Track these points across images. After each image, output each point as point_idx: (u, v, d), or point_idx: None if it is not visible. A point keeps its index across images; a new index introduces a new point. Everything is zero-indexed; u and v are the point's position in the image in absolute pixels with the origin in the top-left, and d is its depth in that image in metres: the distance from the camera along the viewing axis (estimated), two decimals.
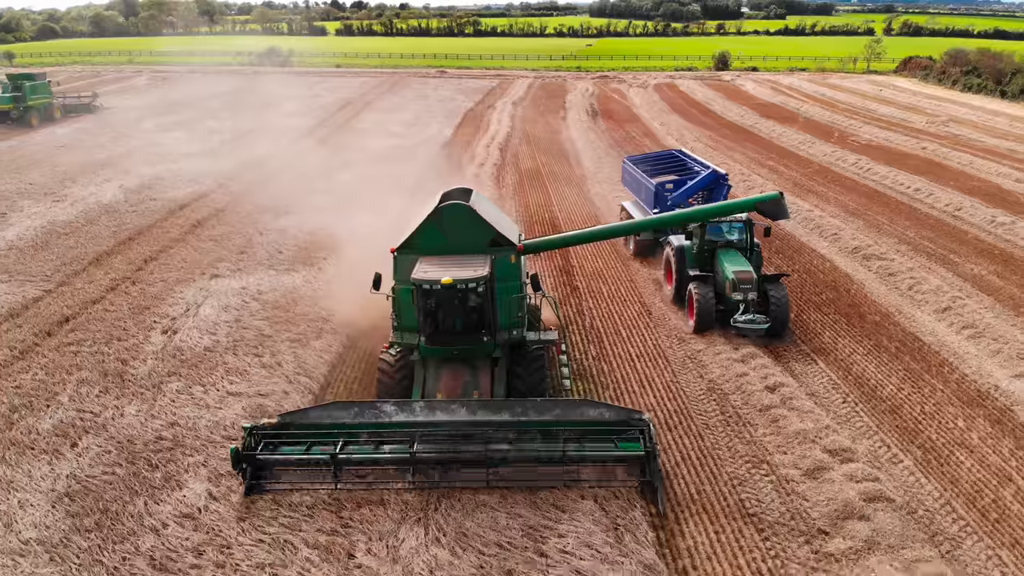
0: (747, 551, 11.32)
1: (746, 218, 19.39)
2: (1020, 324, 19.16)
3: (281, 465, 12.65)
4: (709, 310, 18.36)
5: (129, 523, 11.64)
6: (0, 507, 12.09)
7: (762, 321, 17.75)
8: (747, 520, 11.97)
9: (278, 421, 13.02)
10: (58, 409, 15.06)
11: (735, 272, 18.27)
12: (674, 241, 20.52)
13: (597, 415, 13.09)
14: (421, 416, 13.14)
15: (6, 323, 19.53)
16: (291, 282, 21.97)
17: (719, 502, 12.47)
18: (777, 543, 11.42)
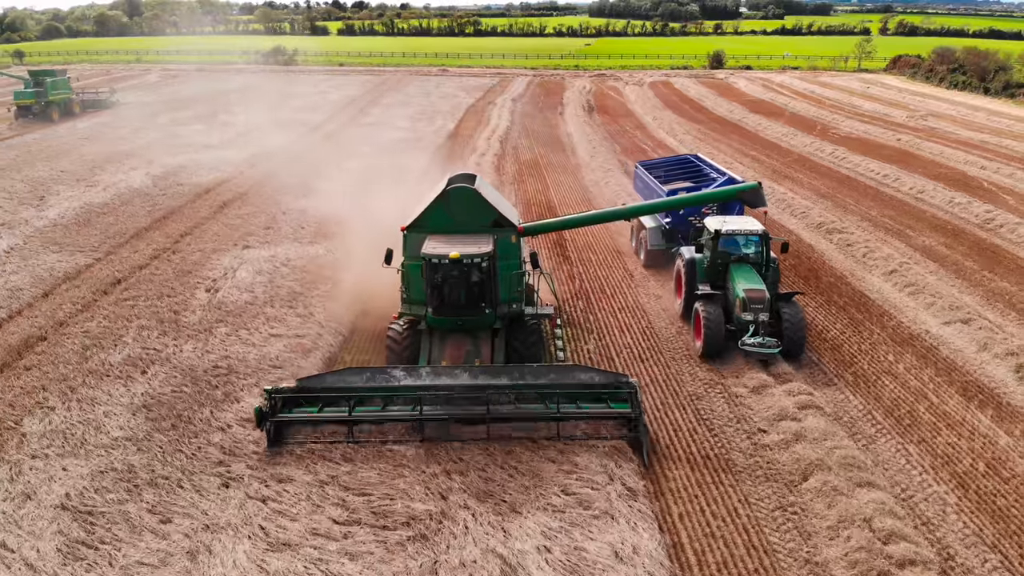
0: (699, 443, 14.02)
1: (763, 231, 18.13)
2: (957, 284, 21.88)
3: (300, 424, 13.84)
4: (718, 333, 16.80)
5: (200, 425, 14.33)
6: (88, 416, 14.76)
7: (773, 345, 16.36)
8: (701, 422, 14.71)
9: (297, 384, 14.09)
10: (125, 347, 17.75)
11: (746, 290, 16.90)
12: (685, 253, 19.25)
13: (588, 379, 14.17)
14: (427, 380, 14.07)
15: (65, 284, 22.24)
16: (314, 251, 24.62)
17: (680, 413, 15.17)
18: (724, 438, 14.14)
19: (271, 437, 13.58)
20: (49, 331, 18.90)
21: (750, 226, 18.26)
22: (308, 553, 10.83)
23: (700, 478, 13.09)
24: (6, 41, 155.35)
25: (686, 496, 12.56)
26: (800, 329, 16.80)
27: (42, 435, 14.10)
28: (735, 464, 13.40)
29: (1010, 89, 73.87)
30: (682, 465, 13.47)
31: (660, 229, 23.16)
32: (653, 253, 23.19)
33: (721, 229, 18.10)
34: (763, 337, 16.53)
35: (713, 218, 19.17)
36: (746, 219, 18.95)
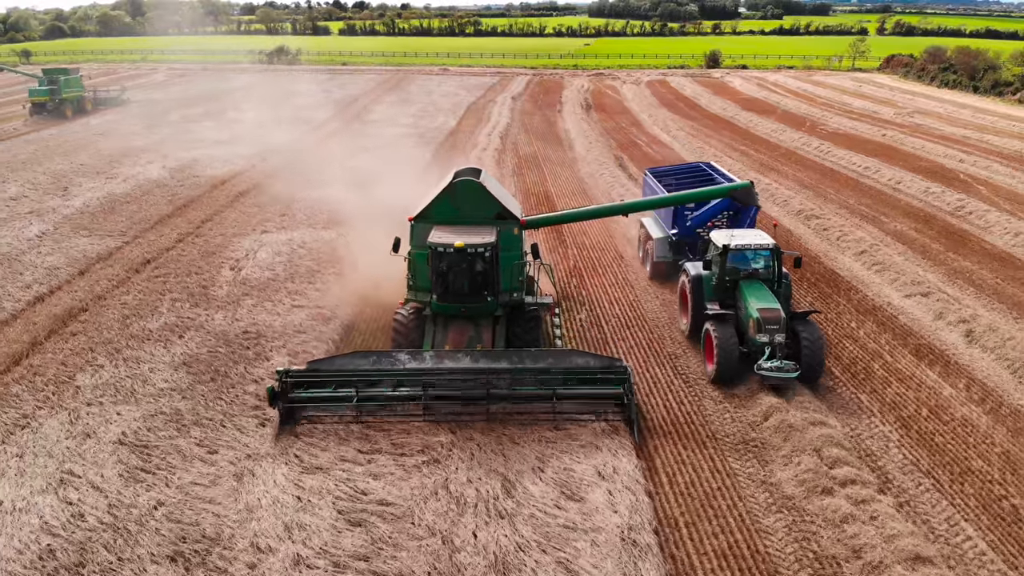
0: (676, 393, 15.89)
1: (774, 246, 17.06)
2: (922, 263, 23.73)
3: (311, 403, 14.45)
4: (732, 357, 15.71)
5: (236, 378, 16.18)
6: (134, 372, 16.61)
7: (791, 368, 15.17)
8: (677, 375, 16.62)
9: (307, 367, 14.74)
10: (161, 316, 19.60)
11: (760, 310, 15.72)
12: (690, 268, 18.22)
13: (584, 363, 14.77)
14: (431, 363, 14.67)
15: (99, 264, 24.10)
16: (328, 236, 26.44)
17: (661, 369, 17.05)
18: (698, 389, 16.05)
19: (283, 416, 14.21)
20: (89, 303, 20.76)
21: (760, 240, 17.18)
22: (337, 475, 12.69)
23: (675, 419, 14.96)
24: (10, 41, 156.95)
25: (661, 433, 14.45)
26: (820, 351, 15.69)
27: (94, 387, 15.96)
28: (706, 409, 15.28)
29: (998, 87, 75.58)
30: (659, 410, 15.34)
31: (667, 241, 22.14)
32: (659, 265, 22.37)
33: (730, 244, 16.92)
34: (780, 360, 15.28)
35: (720, 232, 18.10)
36: (756, 232, 17.99)
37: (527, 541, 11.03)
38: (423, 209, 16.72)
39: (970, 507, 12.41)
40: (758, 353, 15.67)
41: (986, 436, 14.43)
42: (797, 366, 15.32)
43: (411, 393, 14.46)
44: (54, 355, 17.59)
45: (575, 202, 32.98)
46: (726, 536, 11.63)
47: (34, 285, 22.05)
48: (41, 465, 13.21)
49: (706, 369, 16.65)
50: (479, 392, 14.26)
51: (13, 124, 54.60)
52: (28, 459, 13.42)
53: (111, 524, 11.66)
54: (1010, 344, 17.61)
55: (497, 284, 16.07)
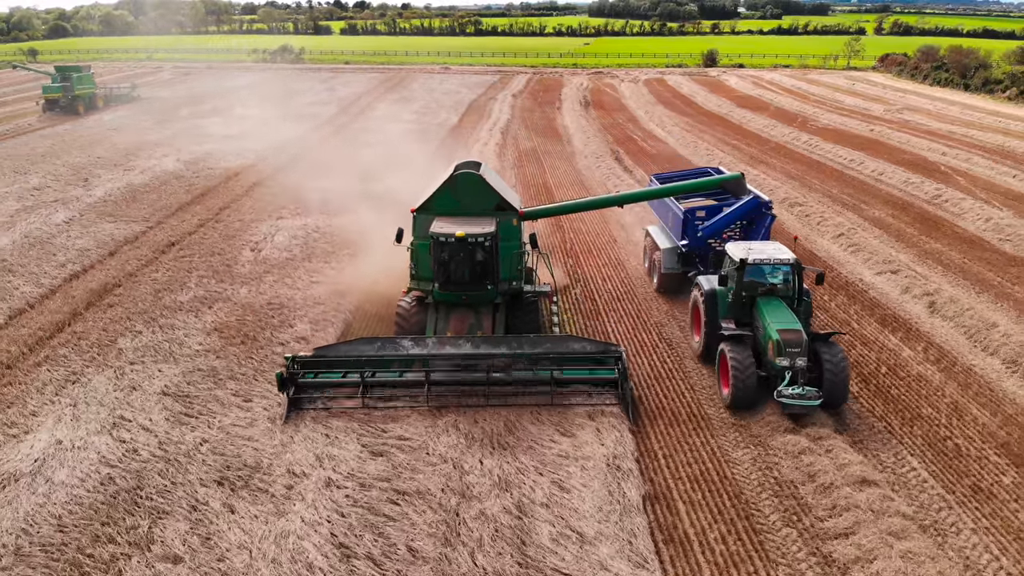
0: (659, 354, 17.58)
1: (794, 260, 15.89)
2: (896, 245, 25.41)
3: (319, 388, 15.06)
4: (749, 382, 14.68)
5: (263, 341, 17.88)
6: (171, 336, 18.30)
7: (814, 395, 14.14)
8: (661, 339, 18.28)
9: (314, 353, 15.30)
10: (190, 291, 21.28)
11: (781, 331, 14.64)
12: (704, 283, 17.20)
13: (580, 348, 15.39)
14: (434, 349, 15.26)
15: (127, 246, 25.79)
16: (340, 222, 28.02)
17: (647, 335, 18.74)
18: (679, 351, 17.72)
19: (291, 401, 14.66)
20: (122, 279, 22.47)
21: (780, 254, 16.03)
22: (359, 417, 14.40)
23: (658, 375, 16.68)
24: (13, 40, 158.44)
25: (646, 386, 16.19)
26: (844, 377, 14.61)
27: (135, 349, 17.65)
28: (684, 366, 17.00)
29: (989, 85, 77.20)
30: (644, 367, 17.03)
31: (675, 251, 20.94)
32: (667, 277, 21.17)
33: (747, 258, 15.77)
34: (802, 387, 14.25)
35: (736, 244, 16.97)
36: (774, 245, 16.81)
37: (526, 466, 12.72)
38: (425, 201, 17.19)
39: (916, 445, 14.10)
40: (777, 378, 14.61)
41: (937, 389, 16.13)
42: (820, 393, 14.23)
43: (415, 379, 15.01)
44: (94, 323, 19.29)
45: (572, 192, 34.68)
46: (699, 465, 13.33)
47: (68, 264, 23.74)
48: (94, 412, 14.90)
49: (720, 393, 15.57)
50: (480, 376, 14.84)
51: (28, 120, 56.21)
52: (81, 408, 15.11)
53: (162, 457, 13.36)
54: (968, 314, 19.31)
55: (497, 273, 16.62)
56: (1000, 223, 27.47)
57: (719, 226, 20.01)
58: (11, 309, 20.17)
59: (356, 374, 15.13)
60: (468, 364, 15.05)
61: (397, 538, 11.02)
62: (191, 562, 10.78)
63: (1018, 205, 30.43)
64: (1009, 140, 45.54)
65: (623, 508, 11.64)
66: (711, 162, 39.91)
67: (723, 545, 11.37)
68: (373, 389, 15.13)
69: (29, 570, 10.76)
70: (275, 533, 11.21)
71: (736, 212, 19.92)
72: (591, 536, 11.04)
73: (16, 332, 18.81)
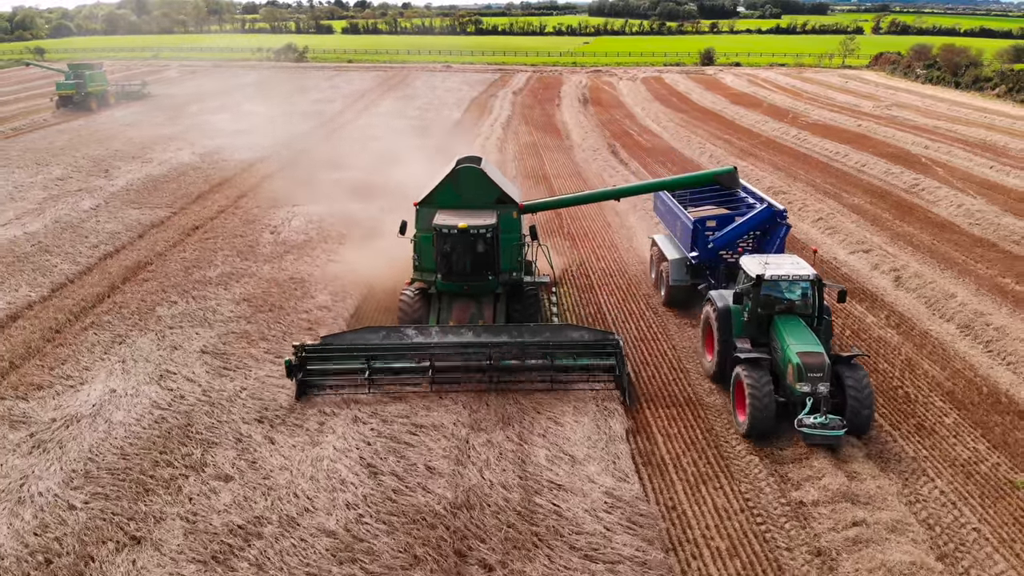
0: (646, 320, 19.44)
1: (814, 276, 14.91)
2: (871, 229, 27.27)
3: (326, 375, 15.50)
4: (768, 410, 13.69)
5: (288, 309, 19.73)
6: (204, 305, 20.14)
7: (837, 425, 13.27)
8: (648, 308, 20.12)
9: (321, 341, 15.94)
10: (217, 268, 23.13)
11: (801, 354, 13.72)
12: (716, 299, 16.18)
13: (579, 336, 15.97)
14: (437, 338, 15.82)
15: (154, 229, 27.66)
16: (352, 209, 29.84)
17: (635, 304, 20.58)
18: (661, 315, 19.57)
19: (300, 387, 15.17)
20: (153, 258, 24.34)
21: (799, 270, 15.01)
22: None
23: (643, 336, 18.50)
24: (18, 39, 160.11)
25: (633, 344, 17.99)
26: (869, 404, 13.73)
27: (173, 316, 19.51)
28: (667, 326, 18.85)
29: (979, 83, 79.03)
30: (632, 330, 18.89)
31: (684, 263, 20.04)
32: (675, 290, 20.21)
33: (764, 274, 14.80)
34: (825, 416, 13.29)
35: (752, 258, 15.89)
36: (792, 259, 15.86)
37: (526, 407, 14.63)
38: (427, 194, 17.70)
39: None
40: (797, 404, 13.70)
41: (895, 349, 17.99)
42: (844, 422, 13.34)
43: (419, 367, 15.48)
44: (132, 295, 21.15)
45: (570, 182, 36.52)
46: (676, 408, 15.20)
47: (100, 245, 25.59)
48: (141, 367, 16.75)
49: (736, 420, 14.57)
50: (482, 363, 15.38)
51: (42, 115, 57.99)
52: (129, 363, 16.96)
53: (207, 401, 15.22)
54: (931, 286, 21.17)
55: (497, 264, 17.22)
56: (971, 209, 29.31)
57: (731, 237, 18.98)
58: (53, 283, 22.02)
59: (362, 362, 15.45)
60: (472, 352, 15.44)
61: (416, 459, 12.89)
62: (240, 480, 12.63)
63: (991, 193, 32.27)
64: (992, 134, 47.36)
65: (608, 438, 13.51)
66: (701, 154, 41.83)
67: (694, 467, 13.24)
68: (378, 375, 15.48)
69: (99, 488, 12.59)
70: (311, 458, 13.07)
71: (750, 222, 18.86)
72: (581, 458, 12.91)
73: (60, 303, 20.67)
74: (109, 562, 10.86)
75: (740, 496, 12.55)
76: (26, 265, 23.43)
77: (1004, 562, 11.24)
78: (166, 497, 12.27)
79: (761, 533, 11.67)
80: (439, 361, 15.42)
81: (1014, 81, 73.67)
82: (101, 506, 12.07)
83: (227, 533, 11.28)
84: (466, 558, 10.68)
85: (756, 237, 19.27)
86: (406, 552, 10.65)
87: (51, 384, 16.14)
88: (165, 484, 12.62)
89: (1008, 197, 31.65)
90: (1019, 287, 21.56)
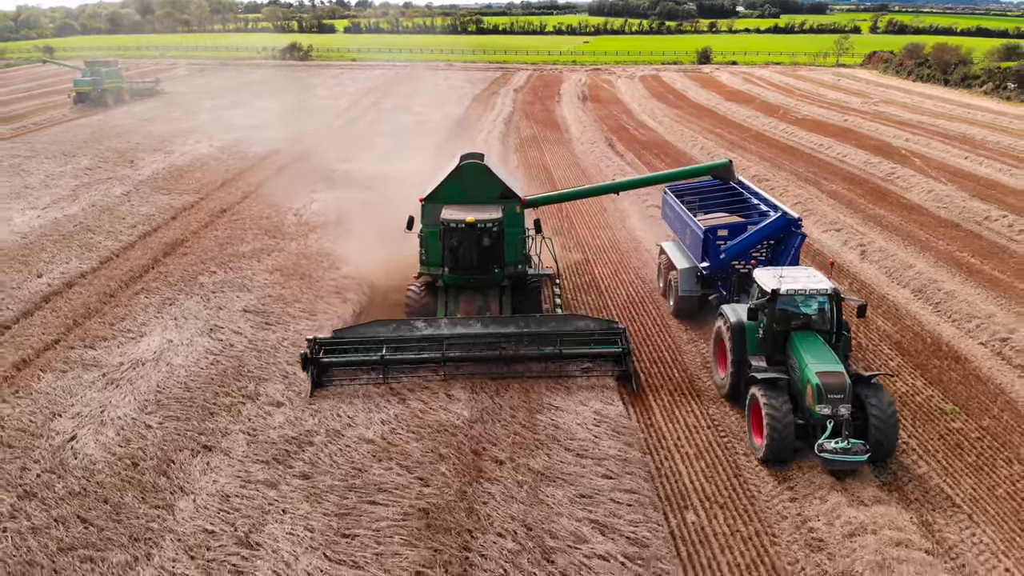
0: (637, 290, 21.80)
1: (832, 290, 14.32)
2: (845, 211, 29.66)
3: (340, 367, 15.93)
4: (787, 434, 13.10)
5: (316, 279, 22.11)
6: (241, 275, 22.50)
7: (860, 450, 12.63)
8: (642, 282, 22.50)
9: (333, 335, 16.53)
10: (248, 244, 25.52)
11: (821, 374, 13.16)
12: (729, 314, 15.58)
13: (584, 326, 16.47)
14: (446, 330, 16.34)
15: (185, 212, 30.06)
16: (366, 196, 32.08)
17: (628, 277, 22.96)
18: (648, 284, 21.95)
19: (315, 379, 15.64)
20: (188, 236, 26.74)
21: (816, 283, 14.49)
22: None
23: (635, 303, 20.87)
24: (23, 38, 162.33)
25: (627, 316, 20.35)
26: (893, 428, 13.16)
27: (214, 283, 21.89)
28: (665, 318, 21.24)
29: (967, 80, 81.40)
30: (623, 297, 21.25)
31: (694, 272, 19.53)
32: (685, 300, 19.69)
33: (780, 289, 14.27)
34: (847, 440, 12.63)
35: (767, 272, 15.30)
36: (808, 272, 15.29)
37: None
38: (433, 190, 18.28)
39: None
40: (817, 427, 13.17)
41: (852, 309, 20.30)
42: (866, 446, 12.73)
43: (431, 357, 15.91)
44: (175, 266, 23.55)
45: (569, 172, 38.89)
46: (657, 353, 17.57)
47: (138, 225, 27.98)
48: (192, 323, 19.13)
49: (751, 443, 14.03)
50: (492, 354, 15.97)
51: (60, 111, 60.30)
52: (181, 320, 19.35)
53: (253, 348, 17.62)
54: (893, 259, 23.57)
55: (503, 257, 17.72)
56: (940, 194, 31.70)
57: (744, 247, 18.30)
58: (100, 257, 24.42)
59: (375, 354, 15.81)
60: (482, 343, 15.99)
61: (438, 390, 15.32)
62: (290, 406, 15.02)
63: (962, 181, 34.64)
64: (972, 128, 49.72)
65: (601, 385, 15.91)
66: (693, 147, 44.20)
67: (670, 397, 15.63)
68: (392, 366, 15.89)
69: (170, 412, 14.98)
70: (349, 391, 15.43)
71: (763, 231, 18.23)
72: (575, 390, 15.31)
73: (110, 273, 23.08)
74: (187, 463, 13.24)
75: (707, 416, 14.97)
76: (72, 242, 25.81)
77: (926, 466, 13.62)
78: (228, 418, 14.67)
79: (723, 444, 14.08)
80: (451, 351, 15.87)
81: (1000, 78, 76.09)
82: (174, 425, 14.46)
83: (283, 442, 13.67)
84: (481, 456, 13.08)
85: (770, 247, 18.56)
86: (432, 452, 13.05)
87: (114, 336, 18.52)
88: (226, 409, 15.01)
89: (977, 184, 34.03)
90: (974, 260, 23.98)
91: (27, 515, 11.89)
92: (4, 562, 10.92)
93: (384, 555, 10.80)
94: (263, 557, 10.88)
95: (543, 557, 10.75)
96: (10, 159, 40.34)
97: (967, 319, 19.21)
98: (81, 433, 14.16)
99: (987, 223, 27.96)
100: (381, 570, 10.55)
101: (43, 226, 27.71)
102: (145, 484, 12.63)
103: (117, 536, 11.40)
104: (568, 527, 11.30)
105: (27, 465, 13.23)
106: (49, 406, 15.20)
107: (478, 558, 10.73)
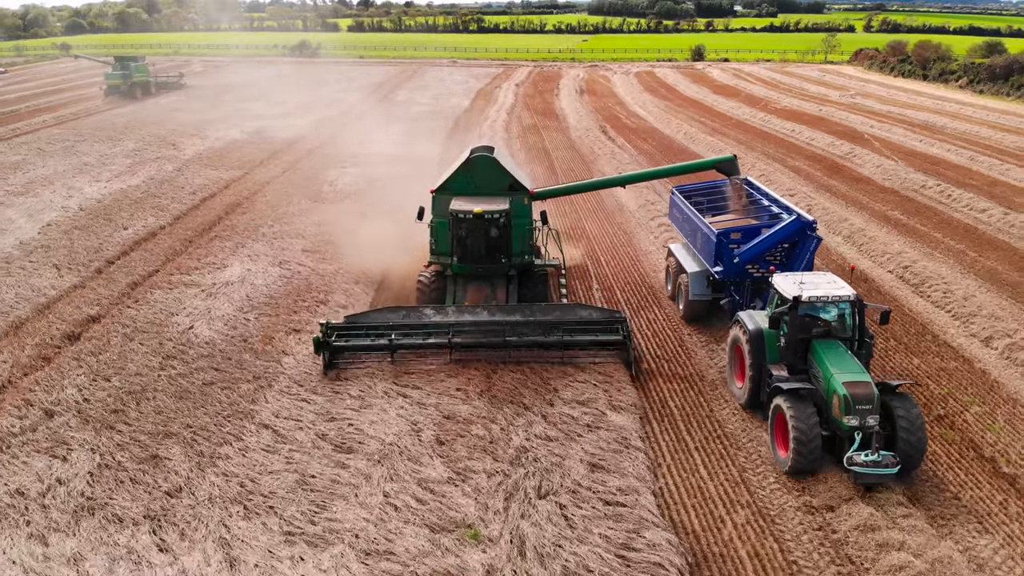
0: (629, 258, 26.63)
1: (855, 297, 14.09)
2: (801, 182, 34.54)
3: (351, 351, 16.55)
4: (814, 447, 12.83)
5: (350, 233, 26.62)
6: (294, 227, 27.31)
7: (891, 462, 12.31)
8: (642, 256, 27.33)
9: (345, 320, 17.08)
10: (295, 206, 30.40)
11: (848, 384, 12.84)
12: (747, 321, 15.13)
13: (587, 315, 16.91)
14: (453, 317, 16.74)
15: (234, 183, 34.92)
16: (388, 172, 36.83)
17: (624, 256, 27.78)
18: (644, 258, 26.80)
19: (327, 362, 16.35)
20: (242, 200, 31.62)
21: (838, 290, 14.15)
22: None
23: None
24: (33, 36, 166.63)
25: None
26: (922, 437, 12.80)
27: (274, 232, 26.77)
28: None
29: (944, 75, 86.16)
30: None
31: (705, 275, 19.17)
32: (695, 305, 19.42)
33: (801, 295, 13.91)
34: (878, 453, 12.33)
35: (786, 278, 14.97)
36: (829, 279, 14.89)
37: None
38: (443, 182, 18.81)
39: None
40: (845, 440, 12.86)
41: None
42: (896, 458, 12.39)
43: (438, 343, 16.47)
44: (238, 220, 28.44)
45: (566, 154, 43.67)
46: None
47: (197, 192, 32.84)
48: (263, 258, 23.97)
49: (776, 455, 13.65)
50: (497, 340, 16.55)
51: (94, 103, 64.99)
52: (254, 256, 24.19)
53: (316, 274, 22.52)
54: (830, 214, 28.57)
55: (510, 248, 18.24)
56: (888, 169, 36.55)
57: (758, 251, 17.80)
58: (172, 215, 29.28)
59: (385, 338, 16.49)
60: (489, 329, 16.53)
61: None
62: (352, 308, 19.85)
63: (910, 159, 39.43)
64: (937, 117, 54.44)
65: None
66: (677, 133, 49.03)
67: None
68: (399, 351, 16.58)
69: (261, 311, 19.84)
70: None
71: (778, 234, 17.72)
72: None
73: (184, 226, 27.94)
74: (283, 339, 18.11)
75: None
76: (144, 206, 30.64)
77: None
78: (307, 315, 19.53)
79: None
80: (458, 337, 16.49)
81: (975, 73, 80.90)
82: (267, 320, 19.35)
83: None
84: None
85: (784, 250, 18.06)
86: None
87: (202, 267, 23.37)
88: (305, 308, 19.91)
89: (924, 161, 38.84)
90: (901, 216, 28.86)
91: (173, 367, 16.74)
92: (165, 392, 15.75)
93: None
94: (351, 385, 15.78)
95: None
96: (61, 142, 45.18)
97: (881, 255, 24.10)
98: (197, 324, 19.00)
99: (923, 190, 32.82)
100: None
101: (112, 194, 32.52)
102: (256, 350, 17.50)
103: (243, 376, 16.28)
104: None
105: (162, 342, 18.07)
106: (166, 309, 20.05)
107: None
